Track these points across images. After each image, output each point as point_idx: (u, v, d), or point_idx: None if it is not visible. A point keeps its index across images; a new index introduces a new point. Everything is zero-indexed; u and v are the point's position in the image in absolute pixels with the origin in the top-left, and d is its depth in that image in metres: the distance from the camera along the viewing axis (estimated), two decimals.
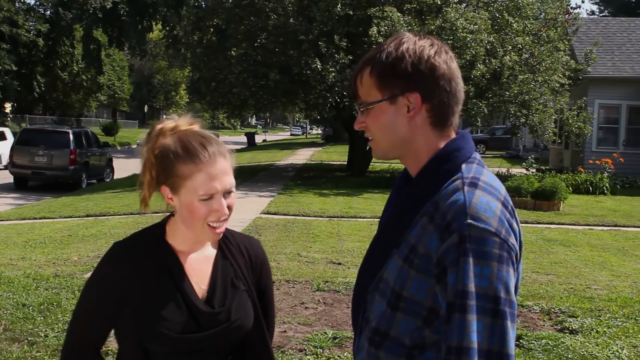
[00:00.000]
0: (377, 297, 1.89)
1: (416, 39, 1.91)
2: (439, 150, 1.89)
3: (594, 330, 6.98)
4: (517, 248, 1.80)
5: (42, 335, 6.40)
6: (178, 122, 2.16)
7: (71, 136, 23.70)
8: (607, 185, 22.27)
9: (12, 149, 23.48)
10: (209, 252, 2.24)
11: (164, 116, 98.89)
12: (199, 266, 2.20)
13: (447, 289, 1.71)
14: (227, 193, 2.10)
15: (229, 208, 2.11)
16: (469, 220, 1.72)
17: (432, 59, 1.87)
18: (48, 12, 55.94)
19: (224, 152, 2.15)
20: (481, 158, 1.94)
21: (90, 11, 49.18)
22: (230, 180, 2.12)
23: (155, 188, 2.15)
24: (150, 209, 2.19)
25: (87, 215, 15.24)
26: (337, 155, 40.54)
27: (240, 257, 2.29)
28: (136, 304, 2.09)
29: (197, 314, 2.14)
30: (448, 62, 1.90)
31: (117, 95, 76.21)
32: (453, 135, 1.93)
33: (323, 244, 11.82)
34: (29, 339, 6.30)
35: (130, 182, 22.22)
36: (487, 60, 21.20)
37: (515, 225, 1.82)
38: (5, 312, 7.11)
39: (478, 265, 1.69)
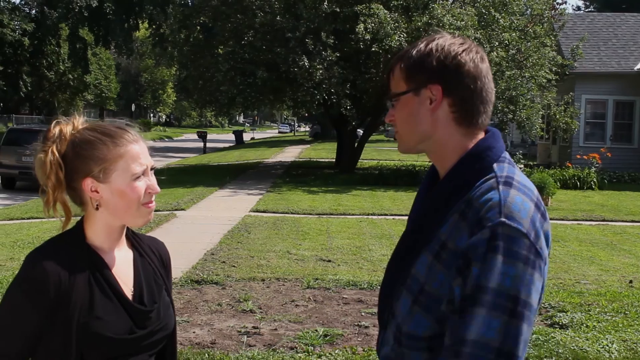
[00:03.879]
0: (405, 293, 1.90)
1: (449, 36, 1.97)
2: (470, 149, 1.91)
3: (584, 325, 7.01)
4: (546, 252, 1.80)
5: None
6: (74, 123, 2.15)
7: None
8: (595, 180, 22.35)
9: None
10: (126, 252, 2.21)
11: (151, 113, 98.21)
12: (121, 266, 2.16)
13: (468, 282, 1.72)
14: (151, 170, 2.13)
15: None
16: (503, 219, 1.72)
17: (459, 56, 1.92)
18: (33, 11, 55.76)
19: (140, 134, 2.18)
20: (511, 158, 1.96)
21: (76, 10, 48.99)
22: (151, 158, 2.15)
23: (62, 190, 2.11)
24: (58, 212, 2.13)
25: (75, 215, 15.13)
26: (326, 152, 40.53)
27: (153, 256, 2.29)
28: (68, 311, 2.01)
29: (132, 312, 2.11)
30: (476, 61, 1.93)
31: (104, 94, 76.01)
32: (479, 135, 1.95)
33: (312, 242, 11.82)
34: None
35: None
36: None
37: (546, 226, 1.83)
38: None
39: (505, 264, 1.69)
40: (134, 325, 2.09)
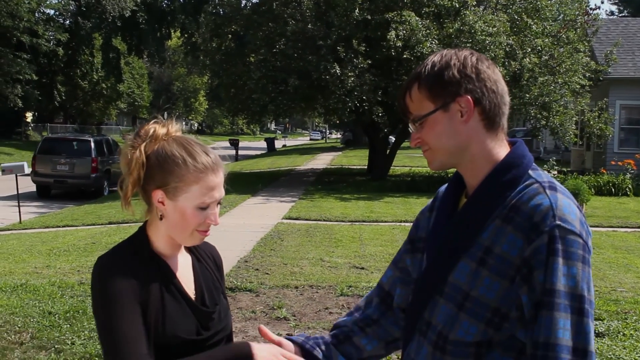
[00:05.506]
0: (442, 301, 1.93)
1: (455, 50, 1.99)
2: (506, 157, 1.95)
3: (621, 333, 6.94)
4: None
5: (69, 343, 6.44)
6: (169, 128, 2.17)
7: (92, 144, 23.85)
8: (630, 187, 22.09)
9: (34, 157, 23.63)
10: (185, 257, 2.26)
11: (183, 122, 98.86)
12: (183, 270, 2.22)
13: (536, 288, 1.78)
14: (218, 203, 2.16)
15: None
16: (558, 222, 1.79)
17: (476, 64, 1.95)
18: (67, 22, 56.36)
19: (222, 162, 2.20)
20: None
21: (109, 20, 49.54)
22: (223, 191, 2.18)
23: (139, 187, 2.14)
24: (132, 208, 2.18)
25: (110, 223, 15.32)
26: (357, 159, 40.51)
27: (209, 260, 2.35)
28: (146, 313, 2.05)
29: (198, 314, 2.17)
30: (491, 67, 1.98)
31: (136, 103, 76.69)
32: (504, 139, 1.99)
33: (345, 249, 11.81)
34: (56, 346, 6.34)
35: None
36: (506, 63, 21.13)
37: (589, 227, 1.88)
38: (31, 320, 7.16)
39: (566, 265, 1.77)
40: (199, 327, 2.15)
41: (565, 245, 1.77)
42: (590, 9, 27.39)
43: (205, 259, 2.33)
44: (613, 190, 21.95)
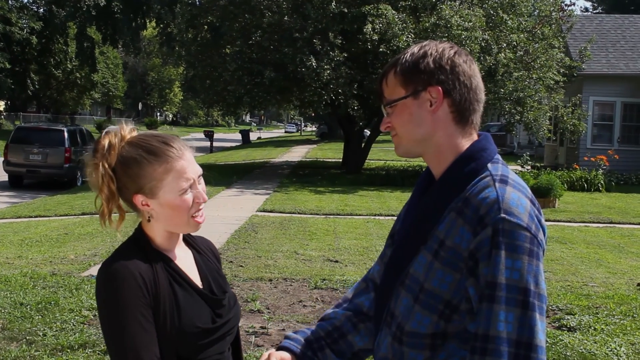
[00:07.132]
0: (403, 293, 1.95)
1: (437, 42, 2.03)
2: (465, 150, 1.97)
3: (592, 328, 7.00)
4: (545, 244, 1.88)
5: (41, 334, 6.39)
6: (122, 132, 2.18)
7: (66, 134, 23.63)
8: (602, 182, 22.29)
9: (7, 147, 23.40)
10: (186, 251, 2.30)
11: (158, 113, 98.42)
12: (186, 263, 2.25)
13: (480, 281, 1.79)
14: (198, 178, 2.19)
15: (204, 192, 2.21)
16: (502, 215, 1.80)
17: (452, 57, 1.99)
18: (41, 10, 55.88)
19: (185, 143, 2.22)
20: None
21: (84, 9, 49.10)
22: (198, 166, 2.21)
23: (116, 201, 2.16)
24: (114, 223, 2.19)
25: (83, 214, 15.22)
26: (332, 152, 40.53)
27: (209, 253, 2.40)
28: (159, 307, 2.08)
29: (209, 302, 2.20)
30: (468, 62, 2.00)
31: (111, 93, 76.22)
32: (474, 134, 2.01)
33: (320, 242, 11.82)
34: (27, 338, 6.29)
35: None
36: (481, 58, 21.19)
37: (543, 221, 1.89)
38: (2, 311, 7.10)
39: (510, 258, 1.78)
40: (213, 315, 2.19)
41: (510, 238, 1.78)
42: (565, 5, 27.63)
43: (205, 252, 2.38)
44: (585, 185, 22.16)
